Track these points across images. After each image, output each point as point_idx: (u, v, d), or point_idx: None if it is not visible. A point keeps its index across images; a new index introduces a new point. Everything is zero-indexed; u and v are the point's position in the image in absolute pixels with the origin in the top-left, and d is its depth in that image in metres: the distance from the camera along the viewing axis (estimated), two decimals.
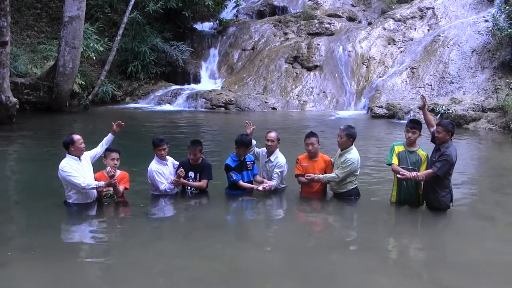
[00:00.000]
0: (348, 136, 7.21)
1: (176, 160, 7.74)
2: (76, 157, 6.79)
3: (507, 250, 6.04)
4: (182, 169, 7.20)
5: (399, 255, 6.01)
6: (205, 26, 27.07)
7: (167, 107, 20.86)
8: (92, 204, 7.01)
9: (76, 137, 6.83)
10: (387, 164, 7.23)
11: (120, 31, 20.25)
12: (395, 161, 7.02)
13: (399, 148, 7.10)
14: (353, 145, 7.30)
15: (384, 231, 6.81)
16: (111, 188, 6.95)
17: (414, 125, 7.04)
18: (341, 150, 7.30)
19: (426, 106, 7.52)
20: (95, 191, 6.94)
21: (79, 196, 6.87)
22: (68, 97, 18.46)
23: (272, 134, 7.72)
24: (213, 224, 6.77)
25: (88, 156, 7.09)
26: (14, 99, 14.89)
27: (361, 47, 23.19)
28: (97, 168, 7.19)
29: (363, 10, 28.17)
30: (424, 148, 7.14)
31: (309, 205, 7.72)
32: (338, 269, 5.44)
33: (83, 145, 6.85)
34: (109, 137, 7.46)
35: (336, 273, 5.31)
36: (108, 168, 6.76)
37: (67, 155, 6.80)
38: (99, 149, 7.34)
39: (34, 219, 6.74)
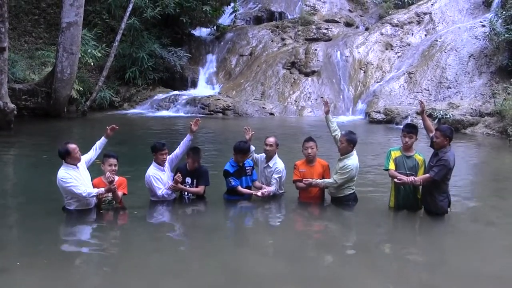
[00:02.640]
0: (349, 142, 7.22)
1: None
2: (73, 165, 6.77)
3: (505, 255, 6.05)
4: (179, 175, 7.20)
5: (397, 260, 5.99)
6: (203, 32, 27.11)
7: (165, 112, 20.84)
8: (91, 210, 6.99)
9: (71, 147, 6.75)
10: (384, 169, 7.24)
11: (118, 37, 20.24)
12: (392, 166, 7.02)
13: (396, 153, 7.10)
14: (354, 151, 7.31)
15: (383, 236, 6.81)
16: (109, 194, 6.94)
17: (411, 129, 7.04)
18: (341, 155, 7.31)
19: (424, 112, 7.53)
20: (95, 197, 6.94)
21: (80, 203, 6.87)
22: (66, 103, 18.43)
23: (271, 139, 7.75)
24: (212, 229, 6.76)
25: (83, 161, 7.06)
26: (12, 105, 14.87)
27: (359, 52, 23.25)
28: (94, 174, 7.18)
29: (361, 16, 28.26)
30: (420, 153, 7.15)
31: (308, 211, 7.73)
32: (337, 274, 5.44)
33: (79, 153, 6.82)
34: (102, 140, 7.43)
35: (335, 278, 5.31)
36: (108, 174, 6.74)
37: (64, 163, 6.78)
38: (92, 154, 7.33)
39: (33, 225, 6.71)
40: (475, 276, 5.38)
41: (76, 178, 6.69)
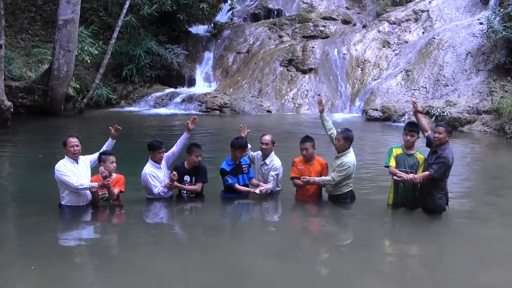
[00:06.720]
0: (346, 139, 7.19)
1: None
2: (72, 159, 6.77)
3: (502, 252, 6.04)
4: (175, 173, 7.17)
5: (395, 258, 6.00)
6: (200, 29, 27.05)
7: (162, 110, 20.79)
8: (87, 207, 6.97)
9: (70, 139, 6.81)
10: (384, 166, 7.22)
11: (115, 34, 20.18)
12: (392, 163, 7.00)
13: (397, 151, 7.09)
14: (351, 148, 7.29)
15: (380, 234, 6.80)
16: (106, 191, 6.92)
17: (413, 128, 7.03)
18: (338, 153, 7.28)
19: (418, 111, 7.45)
20: (88, 193, 6.90)
21: (72, 198, 6.84)
22: (63, 100, 18.36)
23: (267, 137, 7.73)
24: (209, 227, 6.75)
25: (88, 160, 7.07)
26: (9, 103, 14.83)
27: (356, 50, 23.23)
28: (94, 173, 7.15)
29: (358, 13, 28.23)
30: (421, 152, 7.13)
31: (305, 209, 7.71)
32: (335, 271, 5.44)
33: (74, 148, 6.78)
34: (109, 141, 7.41)
35: (332, 276, 5.32)
36: (101, 169, 6.71)
37: (65, 156, 6.81)
38: None
39: (29, 222, 6.69)
40: (472, 274, 5.38)
41: (71, 171, 6.70)
